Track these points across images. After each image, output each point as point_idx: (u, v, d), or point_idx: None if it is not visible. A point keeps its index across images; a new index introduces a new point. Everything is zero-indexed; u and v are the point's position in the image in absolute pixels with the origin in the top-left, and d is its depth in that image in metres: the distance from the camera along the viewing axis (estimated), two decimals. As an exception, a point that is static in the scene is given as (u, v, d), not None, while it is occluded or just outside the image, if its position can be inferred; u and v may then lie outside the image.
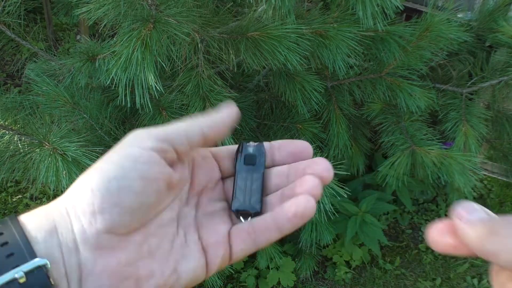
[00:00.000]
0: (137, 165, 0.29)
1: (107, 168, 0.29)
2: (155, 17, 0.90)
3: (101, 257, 0.28)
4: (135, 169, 0.29)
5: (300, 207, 0.32)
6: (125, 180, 0.29)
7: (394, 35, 1.29)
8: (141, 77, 0.88)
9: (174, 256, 0.32)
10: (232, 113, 0.35)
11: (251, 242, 0.33)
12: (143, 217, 0.30)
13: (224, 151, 0.37)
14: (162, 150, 0.31)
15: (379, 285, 1.97)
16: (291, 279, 1.83)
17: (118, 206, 0.29)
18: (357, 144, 1.65)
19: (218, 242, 0.33)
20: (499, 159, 1.75)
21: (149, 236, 0.31)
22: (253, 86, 1.48)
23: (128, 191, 0.29)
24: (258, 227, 0.33)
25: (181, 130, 0.32)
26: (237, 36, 1.05)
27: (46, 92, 1.15)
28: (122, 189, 0.29)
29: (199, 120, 0.33)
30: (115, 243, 0.29)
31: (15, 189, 2.23)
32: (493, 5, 1.45)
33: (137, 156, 0.30)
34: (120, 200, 0.29)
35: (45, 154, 0.96)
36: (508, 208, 2.29)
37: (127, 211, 0.29)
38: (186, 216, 0.34)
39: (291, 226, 0.33)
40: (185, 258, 0.32)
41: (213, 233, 0.33)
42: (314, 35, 1.14)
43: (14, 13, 1.18)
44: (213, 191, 0.36)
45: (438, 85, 1.52)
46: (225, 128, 0.34)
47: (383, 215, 2.18)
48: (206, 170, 0.36)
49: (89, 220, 0.28)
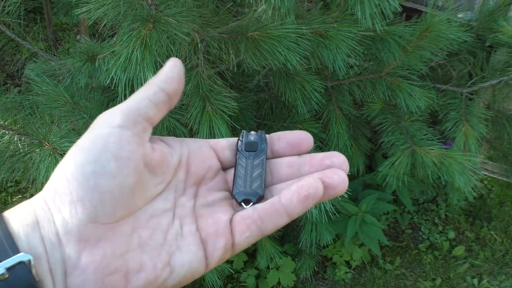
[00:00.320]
0: (108, 145, 0.28)
1: (79, 154, 0.28)
2: (155, 17, 0.90)
3: (85, 250, 0.27)
4: (107, 150, 0.28)
5: (312, 189, 0.30)
6: (99, 163, 0.28)
7: (394, 35, 1.29)
8: (141, 77, 0.88)
9: (168, 248, 0.30)
10: (176, 62, 0.33)
11: (257, 228, 0.31)
12: (128, 203, 0.29)
13: (223, 142, 0.36)
14: (132, 124, 0.30)
15: (379, 285, 1.97)
16: (291, 279, 1.83)
17: (97, 191, 0.27)
18: (357, 144, 1.65)
19: (218, 232, 0.31)
20: (499, 159, 1.75)
21: (139, 227, 0.29)
22: (253, 86, 1.48)
23: (103, 174, 0.27)
24: (264, 212, 0.31)
25: (141, 95, 0.31)
26: (237, 36, 1.05)
27: (46, 92, 1.15)
28: (97, 173, 0.27)
29: (151, 81, 0.32)
30: (100, 234, 0.28)
31: (15, 189, 2.23)
32: (493, 5, 1.45)
33: (106, 136, 0.28)
34: (97, 185, 0.27)
35: (45, 154, 0.96)
36: (508, 208, 2.29)
37: (108, 196, 0.27)
38: (183, 206, 0.32)
39: (301, 209, 0.30)
40: (180, 251, 0.30)
41: (213, 223, 0.31)
42: (314, 35, 1.14)
43: (14, 13, 1.18)
44: (213, 181, 0.35)
45: (438, 85, 1.52)
46: (180, 77, 0.32)
47: (383, 215, 2.18)
48: (202, 157, 0.34)
49: (70, 211, 0.27)
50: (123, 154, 0.28)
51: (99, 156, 0.28)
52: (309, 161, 0.34)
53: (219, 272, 1.40)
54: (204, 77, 1.11)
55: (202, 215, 0.32)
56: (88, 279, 0.27)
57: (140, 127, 0.30)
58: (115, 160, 0.28)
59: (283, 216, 0.31)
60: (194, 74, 1.10)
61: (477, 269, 2.04)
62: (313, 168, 0.33)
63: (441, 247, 2.11)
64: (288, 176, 0.34)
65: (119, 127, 0.29)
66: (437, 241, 2.13)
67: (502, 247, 2.14)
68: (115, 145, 0.28)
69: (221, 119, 1.08)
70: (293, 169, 0.34)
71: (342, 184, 0.31)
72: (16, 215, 0.28)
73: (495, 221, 2.23)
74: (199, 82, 1.11)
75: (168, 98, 0.32)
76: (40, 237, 0.27)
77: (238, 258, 1.85)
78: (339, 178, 0.31)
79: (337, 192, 0.32)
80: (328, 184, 0.31)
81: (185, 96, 1.15)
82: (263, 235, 0.31)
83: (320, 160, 0.33)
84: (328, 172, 0.32)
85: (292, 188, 0.31)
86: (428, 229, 2.18)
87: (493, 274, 2.02)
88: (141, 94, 0.31)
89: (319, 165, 0.33)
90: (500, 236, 2.17)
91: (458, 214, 2.25)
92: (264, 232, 0.31)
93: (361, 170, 1.67)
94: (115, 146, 0.28)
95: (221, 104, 1.11)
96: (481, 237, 2.18)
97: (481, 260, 2.07)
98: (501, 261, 2.08)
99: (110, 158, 0.28)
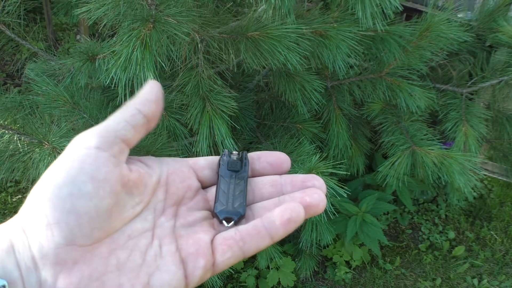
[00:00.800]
0: (85, 166, 0.28)
1: (55, 176, 0.28)
2: (154, 16, 0.90)
3: (62, 273, 0.27)
4: (83, 171, 0.28)
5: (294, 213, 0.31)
6: (75, 184, 0.27)
7: (394, 35, 1.29)
8: (141, 77, 0.88)
9: (146, 269, 0.30)
10: (154, 85, 0.33)
11: (238, 249, 0.31)
12: (105, 225, 0.29)
13: (202, 162, 0.36)
14: (108, 145, 0.30)
15: (379, 285, 1.97)
16: (291, 279, 1.83)
17: (73, 213, 0.27)
18: (357, 144, 1.65)
19: (198, 252, 0.31)
20: (499, 159, 1.75)
21: (117, 248, 0.29)
22: (253, 86, 1.48)
23: (79, 196, 0.27)
24: (247, 233, 0.31)
25: (118, 117, 0.31)
26: (237, 36, 1.05)
27: (46, 92, 1.15)
28: (73, 195, 0.27)
29: (129, 103, 0.32)
30: (77, 257, 0.27)
31: (14, 189, 2.23)
32: (493, 5, 1.45)
33: (83, 157, 0.28)
34: (74, 207, 0.27)
35: (44, 154, 0.96)
36: (508, 208, 2.29)
37: (84, 218, 0.27)
38: (163, 226, 0.32)
39: (283, 232, 0.31)
40: (159, 271, 0.30)
41: (193, 243, 0.31)
42: (314, 35, 1.14)
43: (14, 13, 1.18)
44: (192, 201, 0.35)
45: (438, 85, 1.52)
46: (158, 99, 0.32)
47: (383, 215, 2.18)
48: (182, 177, 0.34)
49: (46, 234, 0.27)
50: (100, 175, 0.28)
51: (75, 178, 0.28)
52: (290, 181, 0.35)
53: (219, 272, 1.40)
54: (204, 77, 1.10)
55: (182, 235, 0.32)
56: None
57: (117, 148, 0.30)
58: (91, 182, 0.28)
59: (265, 238, 0.31)
60: (194, 74, 1.10)
61: (477, 269, 2.04)
62: (295, 188, 0.34)
63: (441, 247, 2.11)
64: (270, 195, 0.35)
65: (96, 148, 0.29)
66: (437, 241, 2.13)
67: (502, 247, 2.14)
68: (91, 166, 0.28)
69: (221, 119, 1.08)
70: (276, 188, 0.35)
71: (321, 203, 0.33)
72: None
73: (495, 221, 2.23)
74: (199, 82, 1.10)
75: (146, 120, 0.32)
76: (15, 262, 0.26)
77: (238, 258, 1.85)
78: (319, 197, 0.33)
79: (317, 210, 0.33)
80: (309, 203, 0.33)
81: (185, 96, 1.15)
82: (244, 256, 0.32)
83: (302, 182, 0.34)
84: (309, 191, 0.33)
85: (275, 212, 0.31)
86: (428, 229, 2.18)
87: (493, 274, 2.02)
88: (118, 116, 0.31)
89: (300, 186, 0.34)
90: (500, 236, 2.17)
91: (458, 214, 2.25)
92: (246, 254, 0.32)
93: (361, 170, 1.67)
94: (91, 168, 0.28)
95: (221, 104, 1.11)
96: (481, 237, 2.18)
97: (481, 260, 2.07)
98: (501, 261, 2.08)
99: (87, 179, 0.28)
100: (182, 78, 1.12)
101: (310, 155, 1.21)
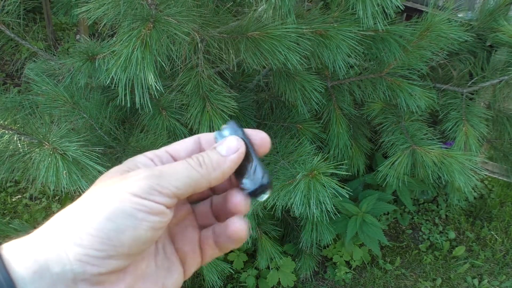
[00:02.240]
0: (150, 217, 0.29)
1: (119, 217, 0.29)
2: (155, 16, 0.90)
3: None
4: (148, 221, 0.29)
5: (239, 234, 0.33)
6: (137, 231, 0.29)
7: (394, 35, 1.29)
8: (141, 76, 0.88)
9: (160, 272, 0.33)
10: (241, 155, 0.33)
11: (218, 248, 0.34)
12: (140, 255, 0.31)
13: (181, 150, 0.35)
14: (170, 204, 0.30)
15: (379, 285, 1.97)
16: (291, 279, 1.83)
17: (127, 255, 0.29)
18: (357, 144, 1.65)
19: (193, 250, 0.34)
20: (500, 159, 1.75)
21: (139, 261, 0.31)
22: (253, 86, 1.47)
23: (138, 241, 0.29)
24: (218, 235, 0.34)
25: (191, 184, 0.31)
26: (237, 35, 1.05)
27: (46, 92, 1.15)
28: (134, 240, 0.29)
29: (208, 172, 0.32)
30: (114, 277, 0.29)
31: (14, 189, 2.23)
32: (494, 5, 1.45)
33: (150, 208, 0.29)
34: (130, 250, 0.29)
35: (45, 154, 0.96)
36: (509, 208, 2.29)
37: (130, 256, 0.29)
38: None
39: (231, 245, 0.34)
40: (169, 272, 0.33)
41: (187, 242, 0.34)
42: (314, 34, 1.14)
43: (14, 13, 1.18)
44: None
45: (439, 85, 1.52)
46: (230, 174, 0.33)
47: (383, 215, 2.18)
48: None
49: (93, 263, 0.28)
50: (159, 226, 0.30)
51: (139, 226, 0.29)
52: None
53: (219, 272, 1.40)
54: (204, 77, 1.10)
55: (176, 234, 0.35)
56: None
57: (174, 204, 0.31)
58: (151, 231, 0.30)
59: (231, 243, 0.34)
60: (194, 74, 1.10)
61: (477, 269, 2.04)
62: None
63: (442, 247, 2.11)
64: None
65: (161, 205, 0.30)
66: (438, 241, 2.13)
67: (502, 247, 2.13)
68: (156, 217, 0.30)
69: (221, 119, 1.08)
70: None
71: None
72: (18, 259, 0.28)
73: (496, 221, 2.23)
74: (199, 82, 1.10)
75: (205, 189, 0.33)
76: (51, 283, 0.27)
77: (238, 258, 1.84)
78: None
79: None
80: None
81: (185, 96, 1.14)
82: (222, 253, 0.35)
83: None
84: None
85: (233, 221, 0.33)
86: (428, 229, 2.18)
87: (494, 274, 2.02)
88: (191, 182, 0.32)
89: None
90: (501, 236, 2.17)
91: (458, 214, 2.25)
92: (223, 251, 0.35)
93: (361, 170, 1.67)
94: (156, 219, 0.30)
95: (221, 104, 1.10)
96: (481, 237, 2.18)
97: (482, 260, 2.07)
98: (502, 261, 2.08)
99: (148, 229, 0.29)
100: (182, 78, 1.12)
101: (311, 155, 1.21)
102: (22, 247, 0.29)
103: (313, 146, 1.33)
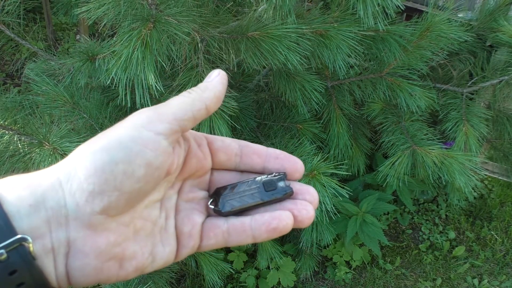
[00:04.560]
0: (146, 151, 0.29)
1: (114, 148, 0.28)
2: (155, 16, 0.90)
3: (91, 237, 0.28)
4: (143, 155, 0.29)
5: (282, 223, 0.32)
6: (131, 165, 0.28)
7: (394, 35, 1.29)
8: (141, 76, 0.88)
9: (153, 239, 0.32)
10: (225, 79, 0.34)
11: (223, 239, 0.33)
12: (137, 201, 0.30)
13: (220, 143, 0.36)
14: (171, 133, 0.30)
15: (380, 285, 1.97)
16: (291, 279, 1.82)
17: (119, 190, 0.28)
18: (357, 144, 1.65)
19: (191, 233, 0.33)
20: (500, 159, 1.75)
21: (135, 217, 0.31)
22: (253, 86, 1.47)
23: (131, 177, 0.28)
24: (233, 228, 0.33)
25: (185, 107, 0.31)
26: (237, 35, 1.05)
27: (46, 92, 1.15)
28: (126, 174, 0.28)
29: (198, 94, 0.33)
30: (106, 224, 0.29)
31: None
32: (494, 5, 1.45)
33: (146, 140, 0.29)
34: (122, 185, 0.28)
35: (45, 154, 0.96)
36: (509, 208, 2.29)
37: (126, 196, 0.29)
38: (170, 199, 0.34)
39: (266, 237, 0.32)
40: (162, 242, 0.32)
41: (188, 223, 0.33)
42: (314, 34, 1.14)
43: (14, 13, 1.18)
44: (198, 180, 0.36)
45: (439, 85, 1.52)
46: (222, 97, 0.34)
47: (383, 215, 2.18)
48: (199, 158, 0.35)
49: (86, 199, 0.28)
50: (155, 163, 0.29)
51: (133, 159, 0.28)
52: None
53: (219, 272, 1.39)
54: (204, 77, 1.10)
55: (181, 210, 0.34)
56: (89, 263, 0.28)
57: (176, 137, 0.31)
58: (146, 167, 0.29)
59: (249, 237, 0.33)
60: (195, 74, 1.10)
61: (477, 269, 2.04)
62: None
63: (442, 247, 2.11)
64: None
65: (160, 135, 0.30)
66: (438, 241, 2.13)
67: (502, 247, 2.13)
68: (151, 152, 0.29)
69: (221, 119, 1.08)
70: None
71: (308, 221, 0.33)
72: (13, 192, 0.28)
73: (496, 221, 2.23)
74: (199, 82, 1.10)
75: (207, 115, 0.33)
76: (45, 217, 0.27)
77: (238, 258, 1.84)
78: (307, 214, 0.33)
79: (302, 226, 0.33)
80: (296, 217, 0.33)
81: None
82: (226, 245, 0.34)
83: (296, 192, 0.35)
84: (300, 205, 0.33)
85: (265, 216, 0.32)
86: (428, 229, 2.18)
87: (494, 274, 2.02)
88: (185, 106, 0.32)
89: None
90: (501, 236, 2.17)
91: (458, 214, 2.25)
92: (228, 244, 0.34)
93: (362, 170, 1.67)
94: (151, 154, 0.29)
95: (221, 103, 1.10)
96: (481, 237, 2.18)
97: (482, 260, 2.07)
98: (502, 261, 2.08)
99: (142, 164, 0.29)
100: (182, 78, 1.12)
101: (311, 155, 1.21)
102: (18, 181, 0.28)
103: (313, 146, 1.33)
